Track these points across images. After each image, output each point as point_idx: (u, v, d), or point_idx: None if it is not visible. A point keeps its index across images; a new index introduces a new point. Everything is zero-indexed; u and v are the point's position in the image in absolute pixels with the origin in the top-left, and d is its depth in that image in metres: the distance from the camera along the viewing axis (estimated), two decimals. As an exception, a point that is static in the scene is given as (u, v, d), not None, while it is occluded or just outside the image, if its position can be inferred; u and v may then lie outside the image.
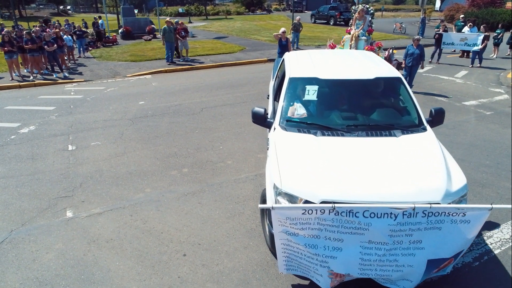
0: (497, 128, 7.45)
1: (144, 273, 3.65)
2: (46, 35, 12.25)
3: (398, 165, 3.26)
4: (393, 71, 4.51)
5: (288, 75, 4.50)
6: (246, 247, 4.00)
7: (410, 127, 3.92)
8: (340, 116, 4.04)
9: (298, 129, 3.85)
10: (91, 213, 4.67)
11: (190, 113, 8.46)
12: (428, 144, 3.64)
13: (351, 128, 3.80)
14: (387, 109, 4.29)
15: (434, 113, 4.16)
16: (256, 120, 4.28)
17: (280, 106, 4.16)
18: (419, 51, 9.46)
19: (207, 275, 3.62)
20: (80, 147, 6.67)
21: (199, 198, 4.98)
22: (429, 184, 3.05)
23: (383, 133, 3.74)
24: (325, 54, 5.54)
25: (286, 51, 10.40)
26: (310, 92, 4.16)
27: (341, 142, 3.60)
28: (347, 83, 4.31)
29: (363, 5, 10.31)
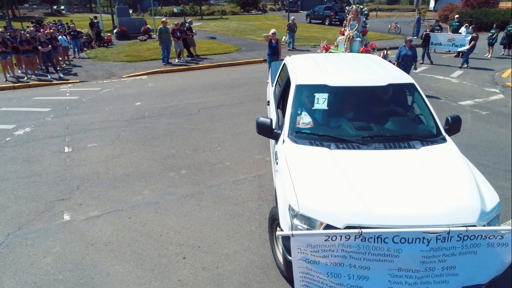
0: (494, 127, 7.50)
1: (143, 277, 3.62)
2: (40, 35, 12.13)
3: (425, 181, 2.99)
4: (406, 76, 4.27)
5: (294, 82, 4.19)
6: (246, 249, 3.98)
7: (429, 137, 3.68)
8: (353, 126, 3.76)
9: (310, 141, 3.56)
10: (88, 216, 4.63)
11: (187, 114, 8.42)
12: (452, 157, 3.39)
13: (366, 140, 3.54)
14: (402, 118, 4.06)
15: (451, 121, 3.89)
16: (262, 131, 3.98)
17: (288, 116, 3.87)
18: (412, 52, 9.41)
19: (208, 278, 3.59)
20: (77, 149, 6.61)
21: (198, 200, 4.95)
22: (463, 203, 2.79)
23: (401, 144, 3.46)
24: (329, 58, 5.23)
25: (276, 53, 10.37)
26: (319, 101, 3.88)
27: (358, 156, 3.33)
28: (359, 90, 4.05)
29: (357, 5, 10.30)
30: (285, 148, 3.61)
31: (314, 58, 5.10)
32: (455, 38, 14.42)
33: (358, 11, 9.83)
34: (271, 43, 10.54)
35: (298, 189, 3.00)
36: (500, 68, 13.40)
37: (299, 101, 4.02)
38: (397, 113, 4.08)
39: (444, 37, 14.61)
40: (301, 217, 2.88)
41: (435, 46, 14.91)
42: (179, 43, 15.01)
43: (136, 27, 23.41)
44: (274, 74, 6.32)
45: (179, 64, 14.83)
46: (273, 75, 6.39)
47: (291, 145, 3.59)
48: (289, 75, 4.56)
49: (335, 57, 5.35)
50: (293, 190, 3.01)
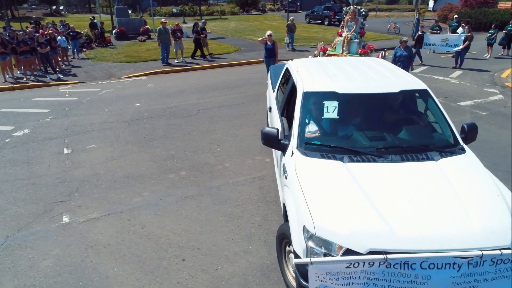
0: (493, 128, 7.50)
1: (143, 279, 3.61)
2: (39, 36, 12.12)
3: (450, 198, 2.77)
4: (418, 82, 4.05)
5: (301, 88, 3.94)
6: (246, 251, 3.98)
7: (447, 147, 3.46)
8: (366, 136, 3.52)
9: (321, 153, 3.32)
10: (88, 218, 4.62)
11: (187, 115, 8.42)
12: (475, 170, 3.18)
13: (381, 151, 3.31)
14: (417, 127, 3.87)
15: (467, 129, 3.66)
16: (268, 142, 3.72)
17: (296, 126, 3.63)
18: (407, 53, 9.43)
19: (207, 280, 3.59)
20: (76, 150, 6.60)
21: (197, 201, 4.94)
22: (494, 223, 2.57)
23: (419, 156, 3.24)
24: (335, 62, 4.96)
25: (273, 55, 10.26)
26: (329, 109, 3.64)
27: (375, 169, 3.10)
28: (370, 97, 3.83)
29: (354, 6, 10.28)
30: (294, 162, 3.35)
31: (320, 63, 4.87)
32: (448, 38, 14.38)
33: (355, 12, 9.78)
34: (267, 45, 10.37)
35: (313, 208, 2.76)
36: (500, 69, 13.40)
37: (306, 109, 3.79)
38: (411, 122, 3.89)
39: (438, 38, 14.57)
40: (317, 240, 2.64)
41: (428, 46, 14.89)
42: (179, 43, 15.01)
43: (135, 27, 23.40)
44: (274, 79, 6.08)
45: (179, 64, 14.83)
46: (274, 79, 6.13)
47: (301, 158, 3.34)
48: (294, 81, 4.34)
49: (341, 61, 5.09)
50: (307, 209, 2.77)
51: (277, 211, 4.64)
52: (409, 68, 9.71)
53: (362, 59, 5.23)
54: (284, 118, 4.49)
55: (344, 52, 9.60)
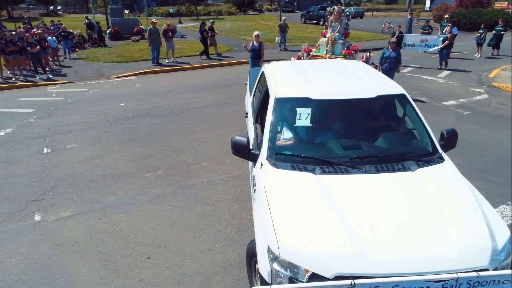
0: (474, 127, 7.53)
1: (106, 277, 3.64)
2: (28, 36, 12.15)
3: (426, 214, 2.61)
4: (396, 86, 3.87)
5: (273, 94, 3.73)
6: (212, 249, 4.01)
7: (424, 156, 3.30)
8: (340, 145, 3.35)
9: (292, 164, 3.12)
10: (59, 216, 4.65)
11: (171, 115, 8.45)
12: (452, 181, 3.02)
13: (355, 162, 3.13)
14: (394, 134, 3.71)
15: (447, 136, 3.53)
16: (238, 152, 3.50)
17: (267, 135, 3.41)
18: (395, 54, 9.29)
19: (170, 277, 3.62)
20: (56, 149, 6.64)
21: (170, 200, 4.98)
22: (472, 243, 2.42)
23: (395, 166, 3.07)
24: (312, 65, 4.80)
25: (259, 56, 10.09)
26: (302, 116, 3.45)
27: (348, 182, 2.93)
28: (345, 103, 3.64)
29: (339, 7, 10.29)
30: (263, 174, 3.15)
31: (296, 66, 4.68)
32: (427, 39, 14.39)
33: (340, 13, 9.74)
34: (254, 45, 10.22)
35: (279, 227, 2.57)
36: (488, 68, 13.44)
37: (279, 116, 3.59)
38: (388, 128, 3.76)
39: (417, 38, 14.57)
40: (282, 262, 2.45)
41: (408, 47, 14.87)
42: (170, 43, 15.06)
43: (129, 27, 23.45)
44: (252, 82, 5.91)
45: (169, 64, 14.86)
46: (251, 83, 5.97)
47: (270, 170, 3.14)
48: (267, 86, 4.13)
49: (319, 64, 4.90)
50: (272, 228, 2.58)
51: (248, 209, 4.67)
52: (396, 70, 9.61)
53: (341, 62, 5.06)
54: (258, 125, 4.29)
55: (328, 53, 9.59)
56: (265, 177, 3.09)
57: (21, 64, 12.45)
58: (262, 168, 3.22)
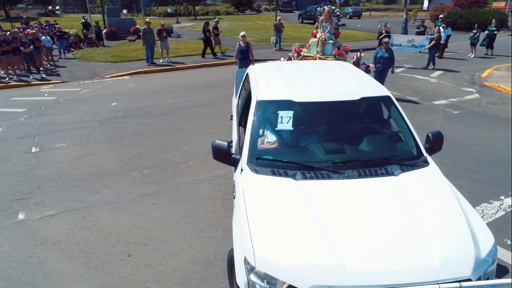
0: (462, 127, 7.57)
1: (86, 274, 3.67)
2: (22, 36, 12.17)
3: (408, 222, 2.54)
4: (381, 88, 3.80)
5: (255, 96, 3.64)
6: (192, 247, 4.04)
7: (409, 159, 3.22)
8: (322, 149, 3.27)
9: (272, 170, 3.04)
10: (43, 215, 4.68)
11: (161, 114, 8.48)
12: (436, 186, 2.95)
13: (338, 166, 3.06)
14: (378, 137, 3.63)
15: (432, 139, 3.47)
16: (218, 156, 3.37)
17: (247, 139, 3.33)
18: (388, 54, 9.15)
19: (148, 275, 3.65)
20: (44, 149, 6.66)
21: (154, 199, 5.01)
22: (454, 252, 2.36)
23: (378, 171, 2.99)
24: (296, 66, 4.71)
25: (247, 57, 9.88)
26: (283, 120, 3.37)
27: (329, 188, 2.86)
28: (329, 106, 3.56)
29: (328, 6, 10.29)
30: (242, 180, 3.06)
31: (280, 68, 4.57)
32: (414, 39, 14.35)
33: (330, 13, 9.72)
34: (240, 46, 9.91)
35: (256, 236, 2.49)
36: (481, 68, 13.48)
37: (260, 120, 3.50)
38: (372, 131, 3.67)
39: (404, 39, 14.48)
40: (259, 273, 2.38)
41: (395, 47, 14.64)
42: (165, 43, 15.08)
43: (125, 27, 23.48)
44: (238, 84, 5.81)
45: (164, 64, 14.89)
46: (237, 85, 5.88)
47: (250, 175, 3.05)
48: (250, 88, 4.04)
49: (303, 65, 4.78)
50: (249, 237, 2.49)
51: (231, 208, 4.69)
52: (389, 71, 9.44)
53: (326, 64, 4.95)
54: (242, 128, 4.15)
55: (319, 53, 9.59)
56: (245, 183, 2.99)
57: (14, 64, 12.47)
58: (242, 174, 3.12)
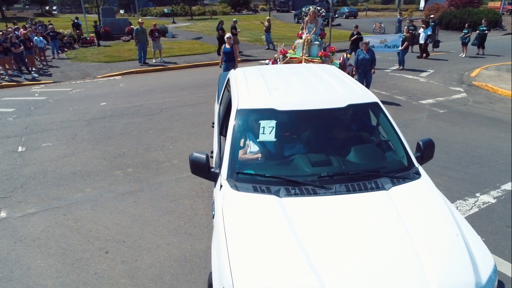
0: (446, 126, 7.66)
1: (62, 271, 3.74)
2: (12, 36, 12.22)
3: (399, 243, 2.34)
4: (368, 94, 3.59)
5: (235, 104, 3.39)
6: (169, 243, 4.11)
7: (400, 170, 3.03)
8: (308, 161, 3.05)
9: (254, 186, 2.80)
10: (25, 213, 4.74)
11: (149, 114, 8.55)
12: (430, 202, 2.74)
13: (324, 181, 2.85)
14: (366, 147, 3.42)
15: (423, 147, 3.29)
16: (196, 170, 3.12)
17: (227, 152, 3.07)
18: (370, 55, 9.05)
19: (124, 271, 3.72)
20: (31, 148, 6.72)
21: (136, 197, 5.08)
22: (452, 277, 2.17)
23: (367, 185, 2.79)
24: (279, 71, 4.42)
25: (232, 59, 9.70)
26: (265, 130, 3.14)
27: (315, 206, 2.63)
28: (313, 114, 3.34)
29: (314, 7, 10.34)
30: (221, 197, 2.80)
31: (263, 73, 4.31)
32: (386, 39, 14.32)
33: (315, 13, 9.73)
34: (225, 48, 9.69)
35: (235, 264, 2.28)
36: (471, 68, 13.59)
37: (241, 130, 3.26)
38: (360, 141, 3.47)
39: (376, 39, 14.39)
40: None
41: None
42: (157, 43, 15.15)
43: (120, 27, 23.54)
44: (220, 89, 5.53)
45: (156, 64, 14.96)
46: (220, 89, 5.60)
47: (229, 193, 2.79)
48: (231, 94, 3.81)
49: (287, 70, 4.51)
50: (228, 266, 2.28)
51: (210, 205, 4.78)
52: (371, 72, 9.25)
53: (311, 68, 4.69)
54: (223, 137, 3.87)
55: (305, 55, 9.61)
56: (224, 201, 2.73)
57: (6, 64, 12.50)
58: (222, 191, 2.87)
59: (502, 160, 5.94)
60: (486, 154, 6.17)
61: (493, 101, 9.48)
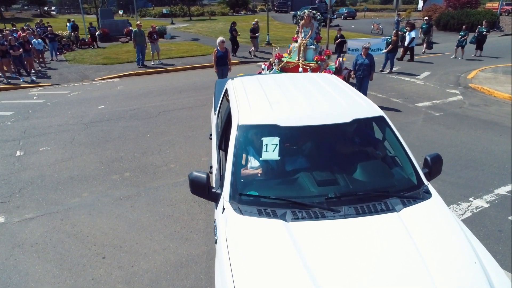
0: (441, 129, 7.72)
1: (60, 276, 3.79)
2: (11, 39, 12.25)
3: (414, 272, 2.21)
4: (373, 107, 3.43)
5: (235, 119, 3.23)
6: (165, 248, 4.16)
7: (409, 190, 2.90)
8: (314, 180, 2.92)
9: (259, 209, 2.65)
10: (23, 218, 4.79)
11: (147, 117, 8.60)
12: (445, 225, 2.60)
13: (332, 202, 2.72)
14: (372, 164, 3.30)
15: (431, 162, 3.16)
16: (196, 191, 2.98)
17: (229, 172, 2.92)
18: (369, 60, 8.82)
19: (121, 276, 3.77)
20: (29, 152, 6.76)
21: (133, 201, 5.12)
22: None
23: (377, 207, 2.67)
24: (279, 81, 4.21)
25: (225, 63, 9.67)
26: (268, 148, 3.00)
27: (324, 231, 2.49)
28: (317, 130, 3.17)
29: (309, 10, 10.36)
30: (225, 222, 2.66)
31: (262, 83, 4.13)
32: (370, 42, 14.33)
33: (310, 17, 9.72)
34: (218, 52, 9.51)
35: None
36: (468, 70, 13.66)
37: (243, 148, 3.12)
38: (366, 157, 3.36)
39: (360, 43, 14.36)
40: None
41: (352, 52, 14.52)
42: (156, 45, 15.19)
43: (118, 29, 23.57)
44: (218, 98, 5.34)
45: (155, 66, 15.00)
46: (217, 98, 5.42)
47: (233, 217, 2.65)
48: (230, 107, 3.62)
49: (287, 81, 4.30)
50: None
51: (207, 210, 4.83)
52: (370, 78, 9.05)
53: (311, 78, 4.49)
54: (222, 152, 3.71)
55: (301, 59, 9.61)
56: (227, 226, 2.60)
57: (4, 67, 12.53)
58: (224, 214, 2.73)
59: (495, 164, 6.01)
60: (480, 158, 6.24)
61: (489, 104, 9.55)
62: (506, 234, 4.29)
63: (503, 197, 5.05)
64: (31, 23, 26.93)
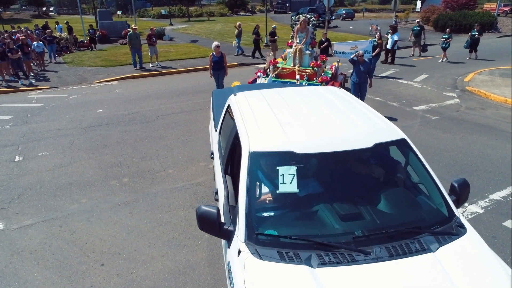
0: (437, 133, 7.78)
1: (59, 283, 3.83)
2: (9, 42, 12.27)
3: None
4: (394, 129, 3.13)
5: (246, 146, 2.91)
6: (164, 255, 4.21)
7: (441, 223, 2.62)
8: (336, 214, 2.64)
9: (280, 252, 2.37)
10: (22, 224, 4.83)
11: (145, 121, 8.64)
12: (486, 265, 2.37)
13: (361, 242, 2.43)
14: (397, 193, 2.98)
15: (459, 189, 2.90)
16: (206, 227, 2.66)
17: (243, 208, 2.61)
18: (364, 68, 8.54)
19: (119, 284, 3.81)
20: (28, 157, 6.80)
21: (131, 207, 5.17)
22: None
23: (411, 247, 2.40)
24: (285, 97, 3.90)
25: (221, 67, 9.60)
26: (285, 179, 2.67)
27: (356, 279, 2.22)
28: (337, 157, 2.87)
29: (304, 15, 10.39)
30: (243, 268, 2.35)
31: (267, 99, 3.83)
32: (357, 45, 14.32)
33: (306, 22, 9.72)
34: (214, 57, 9.46)
35: None
36: (465, 72, 13.72)
37: (256, 178, 2.83)
38: (390, 186, 3.05)
39: (347, 46, 14.31)
40: None
41: (338, 54, 14.52)
42: (154, 47, 15.24)
43: (117, 30, 23.59)
44: (217, 112, 5.12)
45: (153, 69, 15.03)
46: (216, 112, 5.20)
47: (252, 263, 2.34)
48: (237, 129, 3.31)
49: (293, 95, 4.00)
50: None
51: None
52: (368, 85, 8.85)
53: (319, 93, 4.13)
54: (229, 177, 3.45)
55: (296, 65, 9.60)
56: (246, 275, 2.30)
57: (3, 70, 12.55)
58: (241, 258, 2.42)
59: (490, 169, 6.07)
60: (476, 163, 6.30)
61: (485, 107, 9.61)
62: (500, 240, 4.35)
63: (498, 203, 5.11)
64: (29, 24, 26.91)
